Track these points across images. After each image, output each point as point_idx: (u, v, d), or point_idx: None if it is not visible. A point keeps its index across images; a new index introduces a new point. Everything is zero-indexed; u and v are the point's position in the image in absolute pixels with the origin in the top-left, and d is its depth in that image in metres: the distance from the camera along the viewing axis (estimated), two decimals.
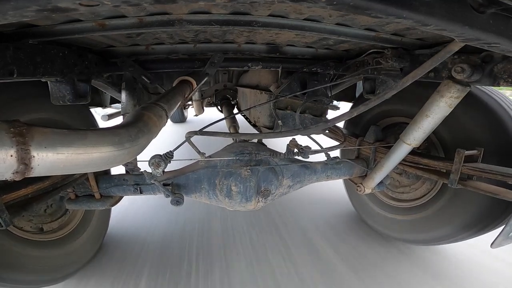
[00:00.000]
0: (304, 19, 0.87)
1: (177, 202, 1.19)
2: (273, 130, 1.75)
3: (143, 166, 1.22)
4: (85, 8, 0.46)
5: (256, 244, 1.83)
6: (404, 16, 0.47)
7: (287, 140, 1.34)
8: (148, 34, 1.04)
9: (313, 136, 1.52)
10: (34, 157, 0.51)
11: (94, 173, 1.23)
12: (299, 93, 1.58)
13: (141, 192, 1.28)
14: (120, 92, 1.40)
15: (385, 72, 1.26)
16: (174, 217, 2.17)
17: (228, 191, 1.25)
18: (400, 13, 0.47)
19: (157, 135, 0.84)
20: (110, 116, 2.77)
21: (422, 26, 0.51)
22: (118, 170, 1.22)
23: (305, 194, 2.54)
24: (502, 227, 0.99)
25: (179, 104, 1.13)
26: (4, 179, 0.50)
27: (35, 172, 0.53)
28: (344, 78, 1.47)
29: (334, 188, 2.61)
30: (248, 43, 1.27)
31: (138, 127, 0.73)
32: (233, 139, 1.65)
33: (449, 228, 1.42)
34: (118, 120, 1.09)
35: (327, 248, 1.80)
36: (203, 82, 1.32)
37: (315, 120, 1.63)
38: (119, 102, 1.58)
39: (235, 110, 2.45)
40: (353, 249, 1.79)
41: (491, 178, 1.11)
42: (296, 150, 1.27)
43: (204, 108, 2.71)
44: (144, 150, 0.78)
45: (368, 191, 1.47)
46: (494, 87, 1.14)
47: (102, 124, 1.75)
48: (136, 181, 1.27)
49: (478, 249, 1.76)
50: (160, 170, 1.03)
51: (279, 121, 1.63)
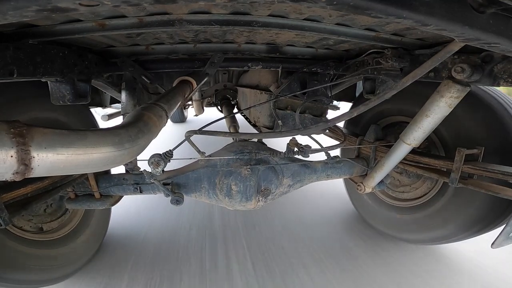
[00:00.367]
0: (304, 19, 0.87)
1: (177, 202, 1.19)
2: (273, 130, 1.75)
3: (143, 166, 1.22)
4: (85, 8, 0.45)
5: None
6: (404, 16, 0.47)
7: (287, 140, 1.34)
8: (148, 34, 1.04)
9: (313, 136, 1.52)
10: (34, 158, 0.51)
11: (94, 173, 1.23)
12: (299, 93, 1.58)
13: (141, 192, 1.28)
14: (120, 92, 1.40)
15: (385, 72, 1.25)
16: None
17: (228, 190, 1.25)
18: (400, 13, 0.47)
19: (157, 135, 0.84)
20: (110, 116, 2.77)
21: (422, 26, 0.51)
22: (118, 170, 1.22)
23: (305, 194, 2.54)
24: (503, 227, 0.99)
25: (179, 104, 1.13)
26: (4, 179, 0.50)
27: (35, 173, 0.53)
28: (344, 78, 1.47)
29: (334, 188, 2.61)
30: (248, 43, 1.26)
31: (138, 127, 0.73)
32: (233, 139, 1.65)
33: (450, 228, 1.43)
34: (118, 120, 1.09)
35: (328, 248, 1.81)
36: (203, 82, 1.32)
37: (315, 120, 1.63)
38: (119, 102, 1.58)
39: (235, 110, 2.45)
40: (349, 249, 1.80)
41: (492, 177, 1.12)
42: (296, 149, 1.27)
43: (204, 108, 2.71)
44: (144, 150, 0.78)
45: (369, 190, 1.47)
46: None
47: (102, 124, 1.75)
48: (136, 181, 1.27)
49: (478, 249, 1.76)
50: (160, 169, 1.04)
51: (279, 121, 1.63)
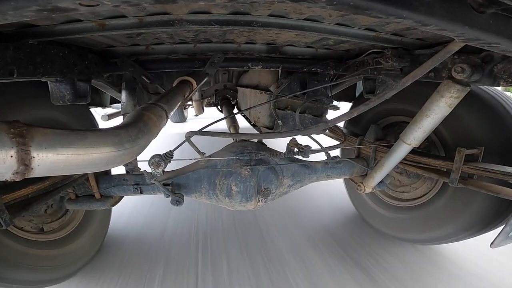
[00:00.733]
0: (304, 19, 0.87)
1: (177, 202, 1.19)
2: (273, 130, 1.75)
3: (143, 166, 1.22)
4: (85, 8, 0.45)
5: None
6: (404, 16, 0.47)
7: (287, 140, 1.34)
8: (148, 34, 1.04)
9: (313, 136, 1.52)
10: (34, 158, 0.51)
11: (94, 173, 1.24)
12: (299, 93, 1.58)
13: (141, 192, 1.28)
14: (120, 92, 1.40)
15: (385, 72, 1.25)
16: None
17: (228, 191, 1.25)
18: (400, 13, 0.47)
19: (157, 135, 0.84)
20: (110, 116, 2.77)
21: (422, 26, 0.51)
22: (118, 170, 1.22)
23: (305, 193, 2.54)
24: (502, 227, 0.99)
25: (179, 104, 1.13)
26: (4, 180, 0.50)
27: (35, 173, 0.53)
28: (344, 78, 1.47)
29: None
30: (248, 43, 1.26)
31: (138, 128, 0.73)
32: (233, 139, 1.66)
33: (450, 227, 1.43)
34: (118, 120, 1.09)
35: (330, 247, 1.80)
36: (203, 82, 1.32)
37: (315, 120, 1.63)
38: (119, 102, 1.58)
39: (235, 110, 2.45)
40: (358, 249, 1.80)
41: (492, 177, 1.12)
42: (296, 150, 1.27)
43: (204, 108, 2.72)
44: (144, 150, 0.77)
45: (369, 190, 1.47)
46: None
47: (102, 124, 1.75)
48: (136, 181, 1.27)
49: (478, 250, 1.76)
50: (160, 170, 1.04)
51: (279, 121, 1.63)
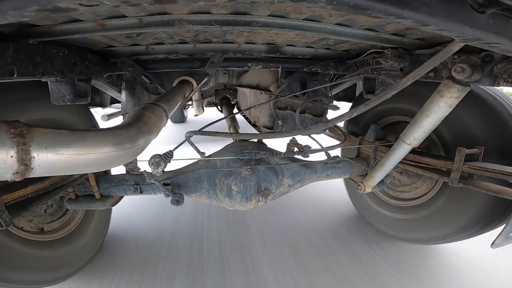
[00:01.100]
0: (304, 19, 0.87)
1: (177, 202, 1.19)
2: (273, 130, 1.75)
3: (143, 166, 1.22)
4: (85, 8, 0.45)
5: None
6: (404, 16, 0.47)
7: (287, 140, 1.33)
8: (148, 34, 1.04)
9: (313, 136, 1.52)
10: (34, 158, 0.51)
11: (94, 173, 1.24)
12: (299, 93, 1.58)
13: (141, 192, 1.28)
14: (120, 92, 1.40)
15: (385, 72, 1.25)
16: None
17: (228, 191, 1.25)
18: (400, 13, 0.47)
19: (157, 135, 0.84)
20: (110, 116, 2.77)
21: (422, 26, 0.51)
22: (118, 170, 1.22)
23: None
24: (503, 227, 0.99)
25: (179, 104, 1.13)
26: (5, 180, 0.50)
27: (36, 173, 0.53)
28: (344, 78, 1.47)
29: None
30: (248, 43, 1.26)
31: (138, 128, 0.73)
32: (233, 139, 1.65)
33: (450, 227, 1.43)
34: (118, 120, 1.09)
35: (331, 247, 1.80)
36: (203, 82, 1.32)
37: (315, 120, 1.63)
38: (119, 102, 1.58)
39: (235, 110, 2.45)
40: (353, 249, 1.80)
41: (492, 177, 1.12)
42: (296, 149, 1.27)
43: (204, 108, 2.72)
44: (144, 150, 0.78)
45: (369, 190, 1.47)
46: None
47: (102, 124, 1.75)
48: (136, 181, 1.27)
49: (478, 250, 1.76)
50: (160, 170, 1.04)
51: (279, 121, 1.63)
